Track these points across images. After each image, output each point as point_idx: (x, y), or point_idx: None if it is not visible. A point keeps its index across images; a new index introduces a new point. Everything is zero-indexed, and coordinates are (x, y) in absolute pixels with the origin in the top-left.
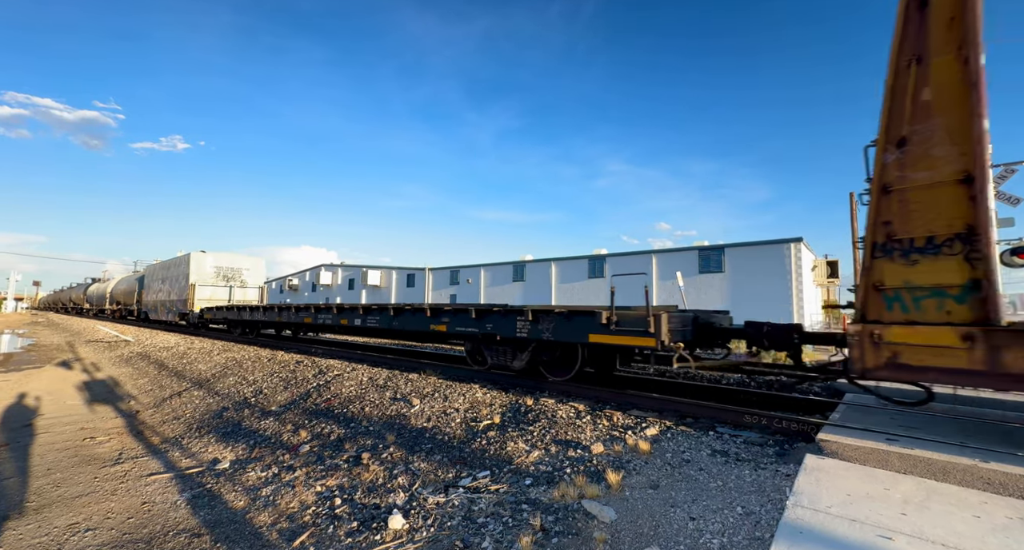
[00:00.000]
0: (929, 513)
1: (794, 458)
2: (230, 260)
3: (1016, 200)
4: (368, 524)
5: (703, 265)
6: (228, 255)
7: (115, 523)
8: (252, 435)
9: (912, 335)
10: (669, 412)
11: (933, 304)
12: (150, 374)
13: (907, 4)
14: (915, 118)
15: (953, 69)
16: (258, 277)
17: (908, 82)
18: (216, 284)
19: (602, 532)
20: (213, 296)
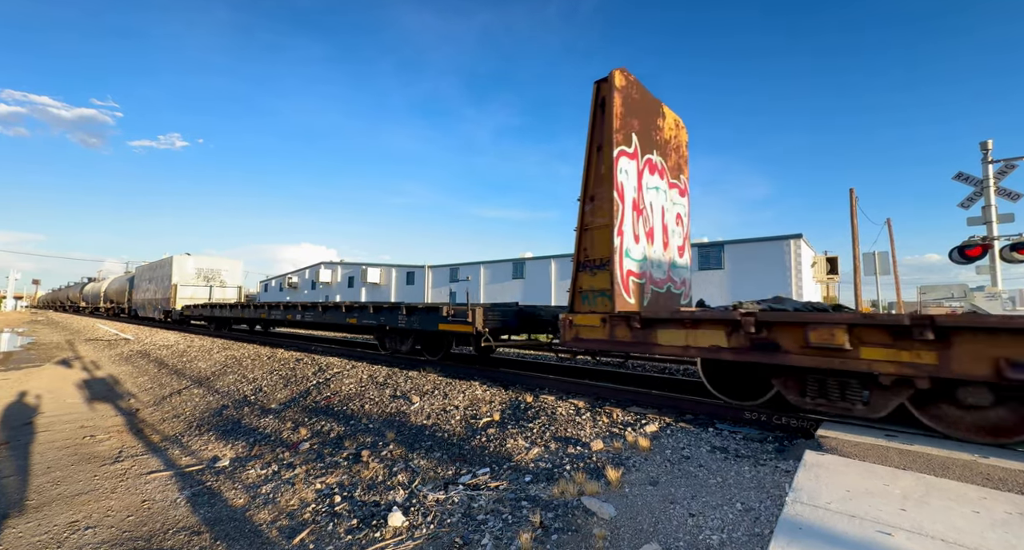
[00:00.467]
0: (928, 508)
1: (793, 454)
2: (210, 262)
3: (1016, 195)
4: (368, 521)
5: (702, 262)
6: (208, 257)
7: (115, 521)
8: (252, 433)
9: (585, 320)
10: (669, 409)
11: (599, 300)
12: (150, 372)
13: (593, 111)
14: (596, 184)
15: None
16: (236, 277)
17: (594, 160)
18: (197, 284)
19: (602, 529)
20: (194, 295)
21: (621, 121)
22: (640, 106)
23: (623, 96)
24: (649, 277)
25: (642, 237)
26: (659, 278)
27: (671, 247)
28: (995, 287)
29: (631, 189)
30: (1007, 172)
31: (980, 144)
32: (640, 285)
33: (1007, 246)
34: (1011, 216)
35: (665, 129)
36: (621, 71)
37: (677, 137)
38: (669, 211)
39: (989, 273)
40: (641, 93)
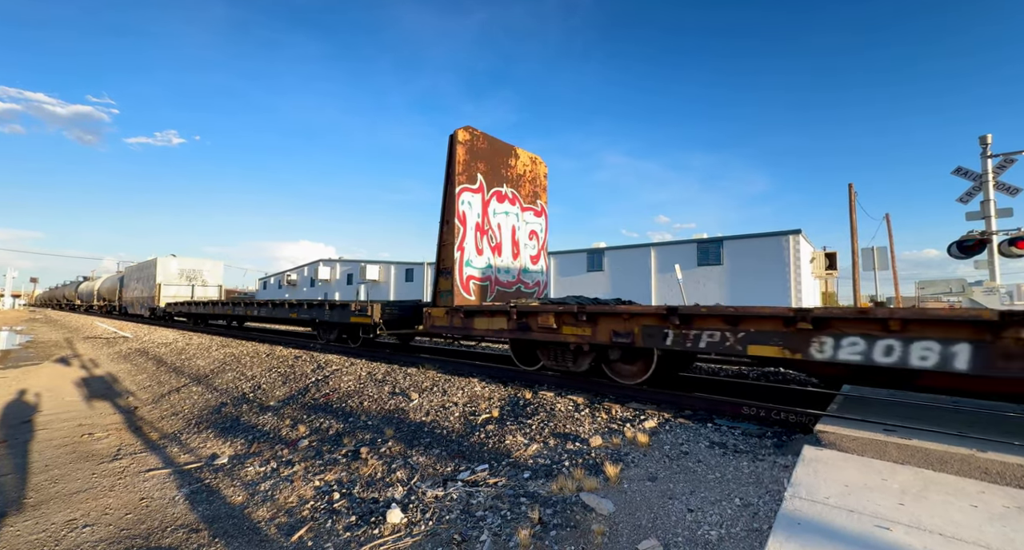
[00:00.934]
0: (927, 503)
1: (792, 449)
2: (192, 263)
3: (1015, 190)
4: (367, 518)
5: (702, 258)
6: (191, 259)
7: (113, 519)
8: (251, 430)
9: (437, 312)
10: (667, 404)
11: (447, 298)
12: (149, 370)
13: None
14: (447, 212)
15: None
16: (216, 277)
17: (447, 194)
18: (180, 283)
19: (600, 524)
20: (177, 294)
21: (464, 166)
22: (487, 152)
23: (466, 147)
24: (494, 280)
25: (486, 250)
26: (507, 280)
27: (522, 257)
28: (993, 282)
29: (474, 215)
30: (1006, 167)
31: (979, 138)
32: (482, 286)
33: (1005, 240)
34: (1010, 211)
35: (518, 166)
36: (465, 129)
37: (533, 171)
38: (521, 229)
39: (988, 268)
40: (489, 141)
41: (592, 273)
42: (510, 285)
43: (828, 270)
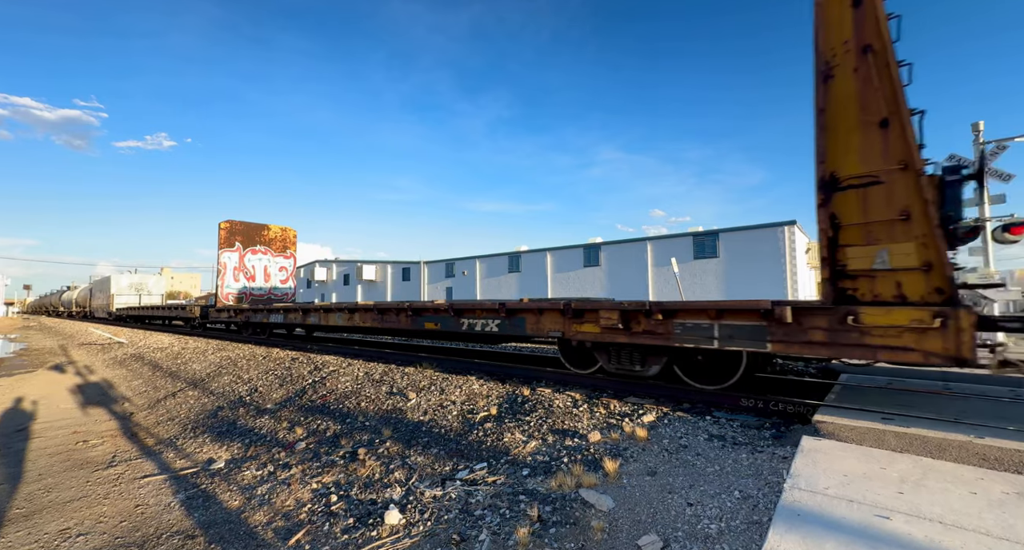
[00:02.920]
0: (926, 491)
1: (791, 440)
2: (140, 278)
3: (1007, 176)
4: (364, 520)
5: (698, 251)
6: (139, 275)
7: (107, 527)
8: (247, 434)
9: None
10: (666, 398)
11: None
12: (144, 375)
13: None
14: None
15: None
16: (160, 288)
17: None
18: (129, 294)
19: (600, 521)
20: (128, 302)
21: (223, 241)
22: (243, 229)
23: (226, 231)
24: (248, 293)
25: (242, 279)
26: (259, 293)
27: (273, 280)
28: (988, 269)
29: (233, 262)
30: (999, 153)
31: (972, 125)
32: (239, 297)
33: (999, 227)
34: (1003, 197)
35: (270, 234)
36: (226, 221)
37: (283, 235)
38: (272, 266)
39: (982, 255)
40: (244, 225)
41: (588, 268)
42: (261, 296)
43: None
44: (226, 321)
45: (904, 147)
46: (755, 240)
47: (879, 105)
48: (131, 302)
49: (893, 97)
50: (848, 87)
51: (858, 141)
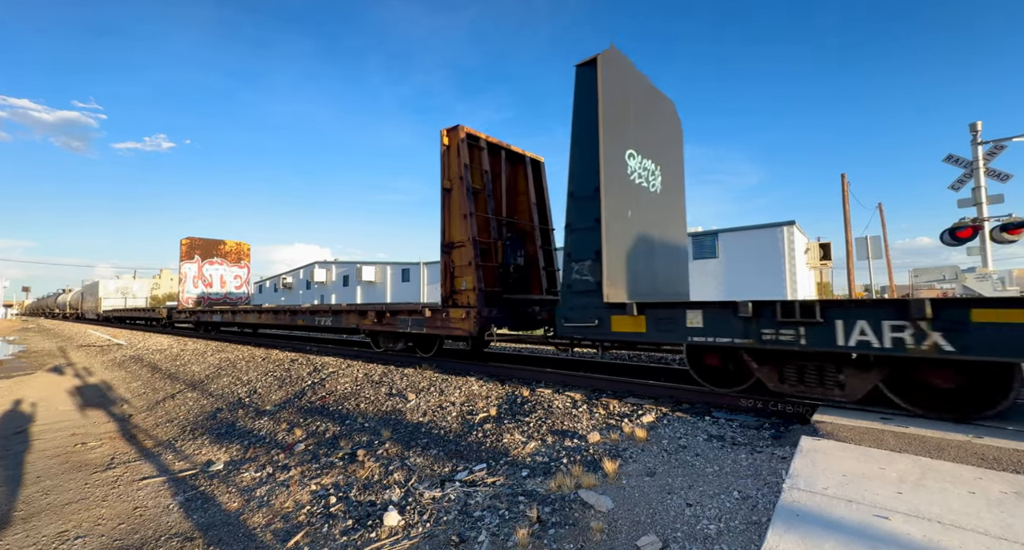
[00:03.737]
0: (925, 491)
1: (790, 440)
2: (125, 283)
3: (1005, 176)
4: (363, 522)
5: (697, 251)
6: (125, 280)
7: (105, 530)
8: (246, 435)
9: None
10: (665, 398)
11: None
12: (143, 377)
13: None
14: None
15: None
16: (144, 291)
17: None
18: (115, 297)
19: (599, 521)
20: (114, 305)
21: (184, 255)
22: (201, 245)
23: (187, 246)
24: (207, 297)
25: (200, 285)
26: (216, 297)
27: (228, 285)
28: (986, 268)
29: (193, 271)
30: (996, 153)
31: (969, 125)
32: (198, 300)
33: (997, 227)
34: (1001, 197)
35: (226, 248)
36: (187, 238)
37: (238, 249)
38: (227, 274)
39: (980, 254)
40: (203, 241)
41: None
42: (219, 300)
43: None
44: (185, 321)
45: (470, 230)
46: (754, 240)
47: (464, 208)
48: (117, 305)
49: (467, 205)
50: (455, 197)
51: (458, 225)
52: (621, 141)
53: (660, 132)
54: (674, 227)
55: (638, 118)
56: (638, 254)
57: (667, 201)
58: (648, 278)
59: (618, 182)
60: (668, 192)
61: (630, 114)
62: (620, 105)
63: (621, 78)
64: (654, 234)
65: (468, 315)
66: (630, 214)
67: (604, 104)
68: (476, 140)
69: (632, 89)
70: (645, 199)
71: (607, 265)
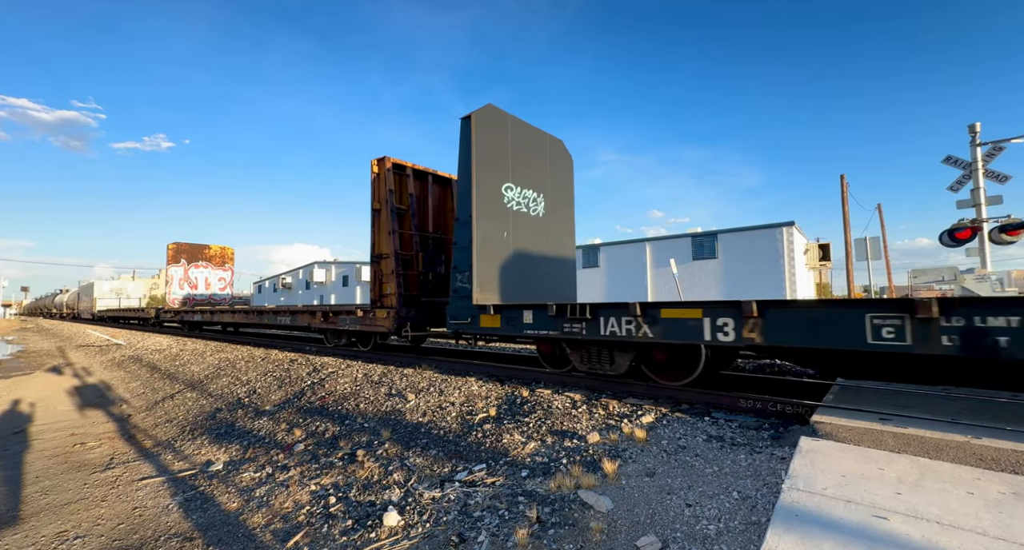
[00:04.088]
0: (923, 491)
1: (789, 441)
2: (119, 284)
3: (1004, 177)
4: (363, 522)
5: (696, 251)
6: (119, 281)
7: (105, 530)
8: (246, 435)
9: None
10: (665, 399)
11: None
12: (142, 377)
13: None
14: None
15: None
16: (138, 292)
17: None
18: (110, 297)
19: (598, 522)
20: (108, 305)
21: (170, 259)
22: (187, 249)
23: (173, 251)
24: (192, 298)
25: (186, 287)
26: (201, 298)
27: (213, 287)
28: (984, 269)
29: (179, 274)
30: (995, 154)
31: (968, 127)
32: (184, 301)
33: (996, 228)
34: (999, 198)
35: (211, 252)
36: (174, 244)
37: (222, 253)
38: (212, 277)
39: (979, 255)
40: (189, 245)
41: (588, 269)
42: (203, 301)
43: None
44: (171, 320)
45: (393, 244)
46: (754, 241)
47: (389, 226)
48: (112, 305)
49: (390, 224)
50: (382, 216)
51: (385, 240)
52: (498, 177)
53: (543, 167)
54: (559, 243)
55: (516, 158)
56: (515, 266)
57: (551, 222)
58: (526, 285)
59: (494, 209)
60: (552, 214)
61: (508, 155)
62: (496, 149)
63: (496, 129)
64: (534, 250)
65: (389, 315)
66: (506, 235)
67: (477, 150)
68: (403, 168)
69: (509, 136)
70: (525, 222)
71: (477, 275)
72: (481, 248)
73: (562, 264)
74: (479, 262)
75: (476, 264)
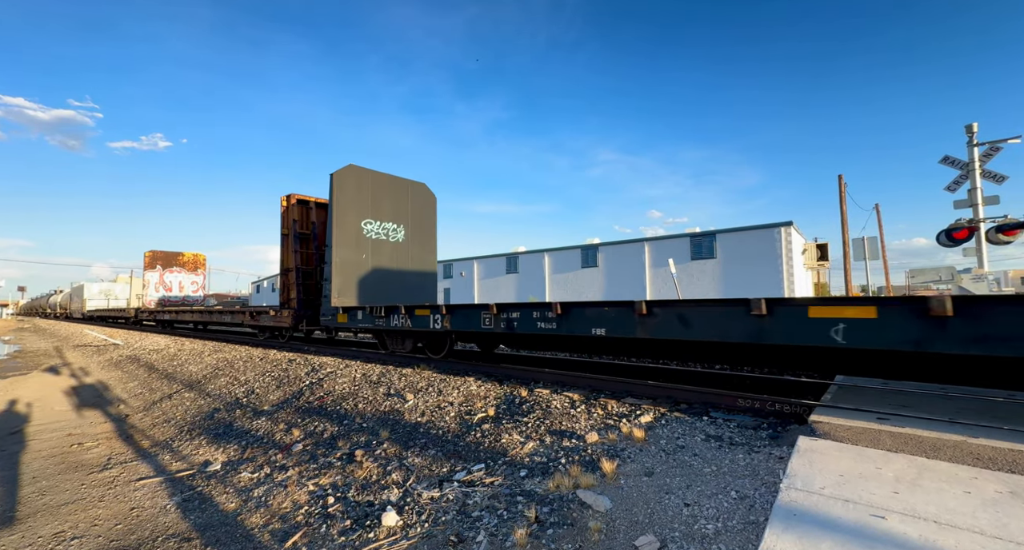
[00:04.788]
0: (921, 490)
1: (787, 440)
2: (108, 286)
3: (1001, 178)
4: (362, 522)
5: (695, 251)
6: (108, 283)
7: (102, 530)
8: (244, 435)
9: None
10: (663, 398)
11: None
12: (140, 377)
13: None
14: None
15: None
16: (124, 293)
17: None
18: (98, 298)
19: (597, 521)
20: (97, 305)
21: (148, 265)
22: (162, 256)
23: (149, 258)
24: (167, 300)
25: (161, 289)
26: (176, 300)
27: (186, 290)
28: (981, 269)
29: (155, 279)
30: (992, 155)
31: (965, 127)
32: (159, 302)
33: (993, 228)
34: (996, 198)
35: (184, 258)
36: (150, 251)
37: (195, 259)
38: (186, 281)
39: (976, 255)
40: (164, 253)
41: (586, 269)
42: (177, 302)
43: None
44: (147, 319)
45: (295, 261)
46: (752, 241)
47: (293, 247)
48: (101, 305)
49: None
50: (288, 240)
51: (290, 257)
52: (358, 215)
53: (405, 205)
54: (420, 261)
55: (376, 200)
56: (373, 279)
57: (411, 245)
58: (383, 293)
59: (353, 238)
60: (413, 240)
61: (367, 199)
62: (357, 195)
63: (356, 181)
64: (392, 267)
65: (291, 314)
66: (364, 256)
67: (337, 198)
68: (306, 202)
69: (369, 185)
70: (384, 246)
71: (335, 286)
72: (339, 266)
73: (422, 276)
74: (337, 276)
75: (334, 278)
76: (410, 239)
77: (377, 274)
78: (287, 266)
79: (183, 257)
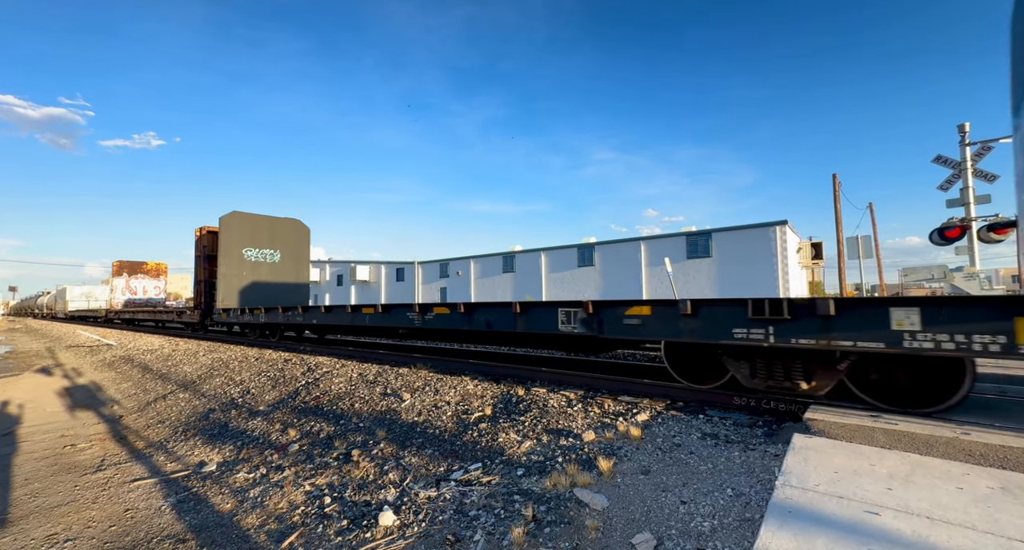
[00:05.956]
0: (914, 487)
1: (782, 438)
2: (88, 289)
3: (992, 177)
4: (359, 522)
5: (691, 250)
6: (88, 286)
7: (96, 532)
8: (240, 436)
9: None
10: (659, 397)
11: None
12: (134, 378)
13: None
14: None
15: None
16: (104, 295)
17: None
18: (79, 300)
19: (594, 520)
20: (77, 306)
21: (116, 273)
22: (128, 266)
23: (116, 267)
24: (132, 302)
25: (128, 293)
26: (140, 302)
27: (150, 293)
28: (973, 267)
29: (121, 284)
30: (984, 154)
31: (957, 127)
32: (125, 304)
33: (984, 227)
34: (988, 197)
35: (147, 267)
36: (117, 262)
37: (157, 268)
38: (149, 286)
39: (968, 254)
40: (130, 263)
41: (583, 268)
42: (142, 305)
43: (814, 259)
44: (115, 318)
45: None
46: (747, 240)
47: (202, 265)
48: (81, 306)
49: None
50: (200, 260)
51: (200, 271)
52: (241, 244)
53: (284, 236)
54: (295, 275)
55: (256, 233)
56: (251, 289)
57: (287, 265)
58: (259, 299)
59: (235, 260)
60: (288, 260)
61: (247, 233)
62: (238, 230)
63: (239, 223)
64: (269, 280)
65: (198, 313)
66: (245, 273)
67: (222, 235)
68: (215, 232)
69: (248, 224)
70: (262, 266)
71: (219, 293)
72: (223, 279)
73: (296, 286)
74: (221, 287)
75: (219, 288)
76: (285, 260)
77: (256, 286)
78: (198, 278)
79: (147, 266)
